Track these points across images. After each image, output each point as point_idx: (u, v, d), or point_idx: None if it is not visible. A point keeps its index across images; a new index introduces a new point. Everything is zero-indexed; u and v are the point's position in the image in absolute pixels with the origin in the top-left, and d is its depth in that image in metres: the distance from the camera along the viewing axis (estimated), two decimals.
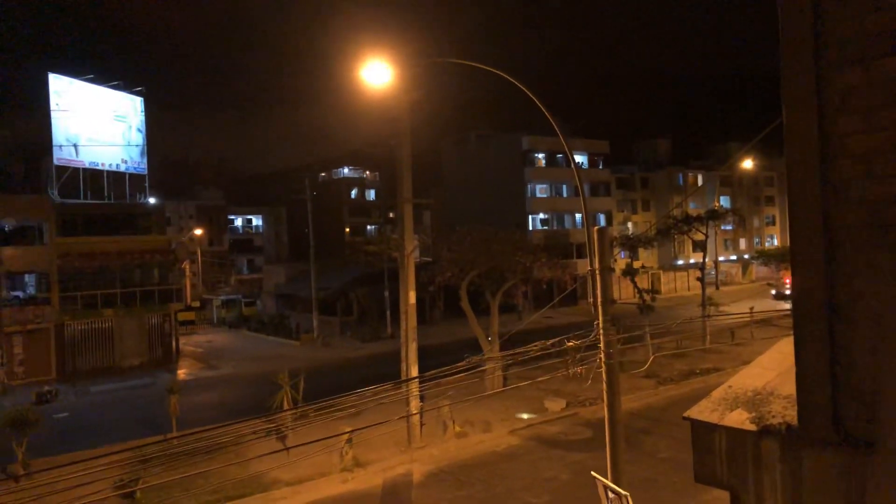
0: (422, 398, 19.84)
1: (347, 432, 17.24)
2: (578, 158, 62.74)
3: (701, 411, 4.30)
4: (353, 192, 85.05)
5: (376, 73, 13.57)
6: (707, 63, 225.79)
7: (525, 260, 26.80)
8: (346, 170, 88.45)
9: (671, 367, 28.42)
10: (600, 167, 65.42)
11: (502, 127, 66.33)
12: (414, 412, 18.78)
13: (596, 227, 8.20)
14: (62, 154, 37.65)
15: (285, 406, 18.61)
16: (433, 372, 9.73)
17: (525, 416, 22.69)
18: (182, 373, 35.06)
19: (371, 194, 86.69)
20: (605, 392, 8.02)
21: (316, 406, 8.95)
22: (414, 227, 21.27)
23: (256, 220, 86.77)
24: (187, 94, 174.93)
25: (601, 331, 7.93)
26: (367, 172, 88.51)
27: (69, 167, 37.85)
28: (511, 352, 9.13)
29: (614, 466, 7.94)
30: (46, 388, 29.88)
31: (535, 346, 8.62)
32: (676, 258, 71.46)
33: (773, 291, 53.04)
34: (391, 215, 65.02)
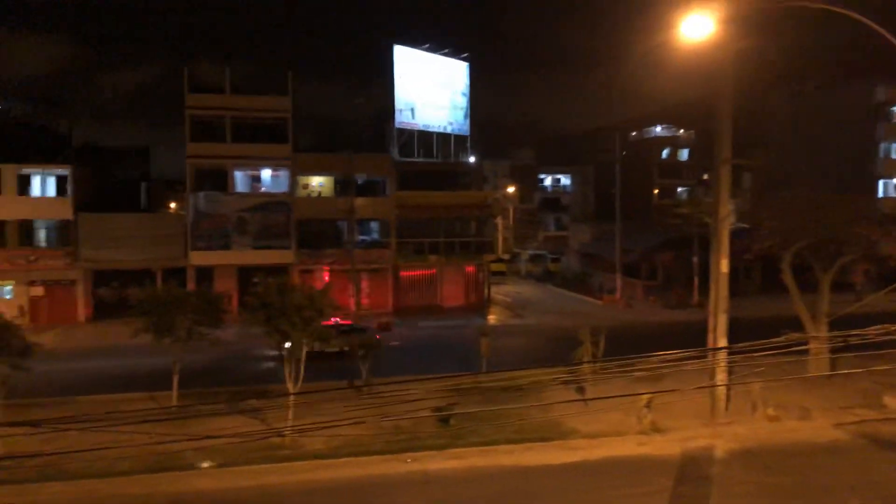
0: (729, 372, 18.66)
1: (647, 393, 17.09)
2: None
3: None
4: (665, 152, 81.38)
5: (697, 27, 12.76)
6: None
7: (870, 232, 23.05)
8: (658, 128, 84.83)
9: None
10: None
11: (842, 80, 56.58)
12: (720, 384, 17.77)
13: None
14: (401, 118, 42.96)
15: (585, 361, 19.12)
16: (744, 344, 9.12)
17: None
18: (491, 318, 38.15)
19: (684, 154, 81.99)
20: None
21: (617, 363, 9.11)
22: (731, 190, 19.74)
23: (564, 180, 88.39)
24: (504, 58, 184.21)
25: None
26: (682, 131, 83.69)
27: (406, 130, 43.10)
28: (842, 333, 8.10)
29: None
30: (385, 319, 35.19)
31: (875, 329, 7.53)
32: None
33: None
34: (705, 177, 60.93)
